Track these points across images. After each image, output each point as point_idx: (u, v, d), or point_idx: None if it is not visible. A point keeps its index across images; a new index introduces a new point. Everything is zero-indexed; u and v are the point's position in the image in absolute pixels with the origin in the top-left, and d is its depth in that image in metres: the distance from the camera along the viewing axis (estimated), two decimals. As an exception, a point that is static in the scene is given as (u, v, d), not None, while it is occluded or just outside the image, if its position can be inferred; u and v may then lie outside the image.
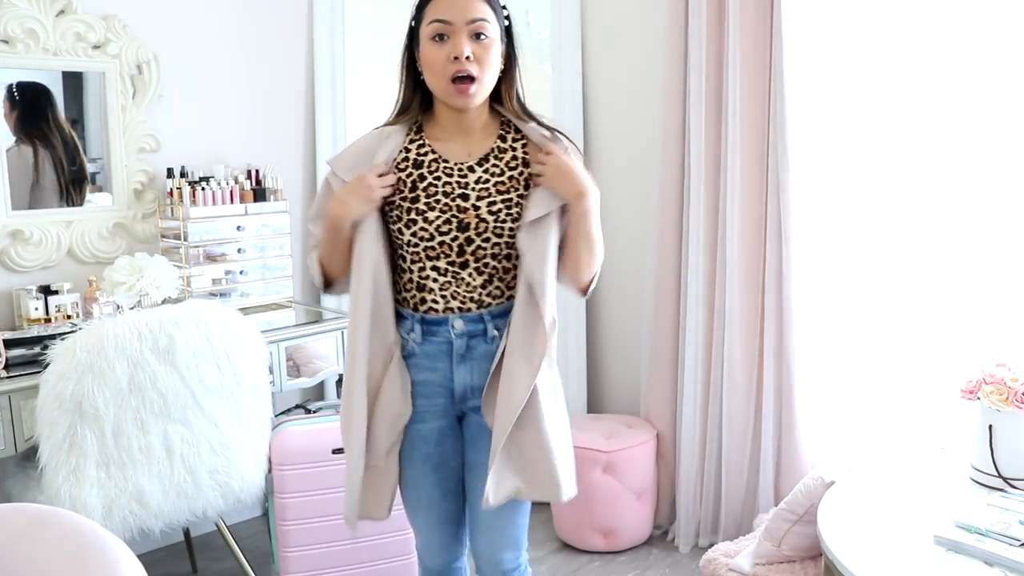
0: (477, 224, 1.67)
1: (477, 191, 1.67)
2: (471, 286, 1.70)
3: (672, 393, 3.04)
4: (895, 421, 2.62)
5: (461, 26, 1.61)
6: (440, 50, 1.61)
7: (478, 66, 1.62)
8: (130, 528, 2.25)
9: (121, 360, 2.18)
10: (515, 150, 1.72)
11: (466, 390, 1.74)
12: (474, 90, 1.63)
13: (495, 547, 1.81)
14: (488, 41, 1.63)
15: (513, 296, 1.72)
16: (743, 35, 2.69)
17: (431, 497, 1.81)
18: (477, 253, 1.68)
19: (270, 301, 3.03)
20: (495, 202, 1.67)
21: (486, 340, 1.72)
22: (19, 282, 2.73)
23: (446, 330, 1.71)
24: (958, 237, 2.49)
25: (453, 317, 1.70)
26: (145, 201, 2.97)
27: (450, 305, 1.70)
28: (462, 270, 1.69)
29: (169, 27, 2.99)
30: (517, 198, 1.69)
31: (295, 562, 2.53)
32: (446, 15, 1.61)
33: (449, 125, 1.71)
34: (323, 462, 2.51)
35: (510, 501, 1.73)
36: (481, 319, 1.71)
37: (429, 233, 1.67)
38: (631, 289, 3.27)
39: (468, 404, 1.76)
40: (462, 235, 1.67)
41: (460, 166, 1.69)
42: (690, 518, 2.99)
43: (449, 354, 1.72)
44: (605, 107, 3.27)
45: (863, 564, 1.72)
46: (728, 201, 2.77)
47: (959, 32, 2.41)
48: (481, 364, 1.72)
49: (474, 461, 1.78)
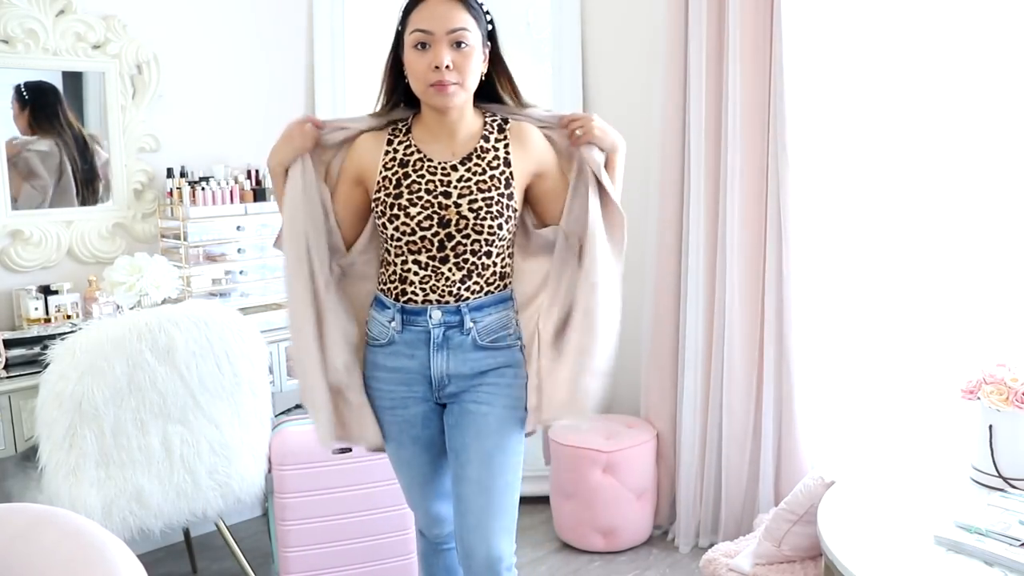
0: (457, 221, 1.74)
1: (459, 189, 1.75)
2: (450, 280, 1.78)
3: (672, 393, 3.04)
4: (895, 421, 2.62)
5: (442, 36, 1.68)
6: (422, 59, 1.70)
7: (458, 74, 1.70)
8: (130, 528, 2.25)
9: (121, 360, 2.18)
10: (497, 150, 1.79)
11: (443, 377, 1.82)
12: (452, 91, 1.71)
13: (490, 535, 1.79)
14: (468, 49, 1.71)
15: (491, 292, 1.81)
16: (743, 35, 2.69)
17: (426, 475, 1.92)
18: (457, 249, 1.76)
19: (270, 301, 3.02)
20: (476, 200, 1.75)
21: (462, 332, 1.80)
22: (19, 282, 2.73)
23: (424, 320, 1.79)
24: (958, 236, 2.49)
25: (432, 308, 1.78)
26: (145, 201, 2.97)
27: (429, 297, 1.79)
28: (442, 265, 1.77)
29: (169, 27, 2.99)
30: (498, 196, 1.76)
31: (295, 562, 2.52)
32: (427, 25, 1.69)
33: (434, 126, 1.79)
34: (323, 462, 2.51)
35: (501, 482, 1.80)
36: (458, 311, 1.79)
37: (411, 228, 1.75)
38: (631, 289, 3.25)
39: (446, 391, 1.83)
40: (443, 231, 1.75)
41: (443, 165, 1.77)
42: (690, 518, 2.99)
43: (427, 342, 1.80)
44: (605, 107, 3.26)
45: (863, 564, 1.72)
46: (728, 201, 2.77)
47: (960, 33, 2.41)
48: (456, 353, 1.80)
49: (460, 444, 1.82)
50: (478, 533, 1.79)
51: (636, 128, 3.17)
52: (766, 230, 2.75)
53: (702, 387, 2.92)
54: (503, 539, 1.81)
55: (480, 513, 1.79)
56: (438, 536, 2.02)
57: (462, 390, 1.83)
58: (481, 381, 1.82)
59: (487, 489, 1.79)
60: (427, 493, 1.94)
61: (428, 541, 2.05)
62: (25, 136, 2.73)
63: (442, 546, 2.04)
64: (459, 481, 1.82)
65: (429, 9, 1.69)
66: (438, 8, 1.69)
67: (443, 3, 1.69)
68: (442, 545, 2.04)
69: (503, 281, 1.83)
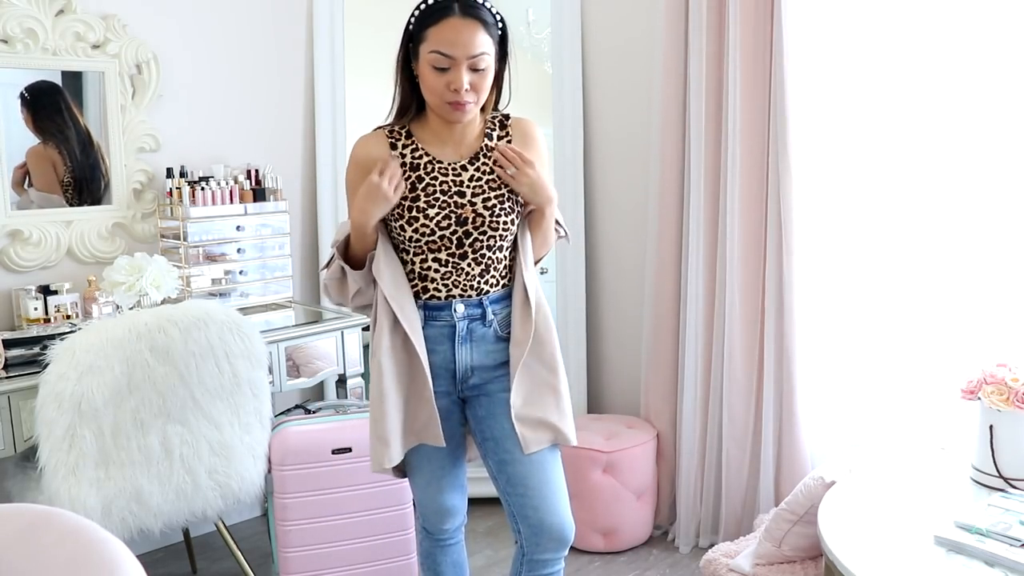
0: (474, 219, 1.80)
1: (472, 188, 1.81)
2: (470, 275, 1.83)
3: (672, 393, 3.04)
4: (895, 421, 2.62)
5: (462, 60, 1.70)
6: (440, 79, 1.72)
7: (475, 93, 1.74)
8: (129, 528, 2.25)
9: (120, 360, 2.18)
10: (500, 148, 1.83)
11: (467, 369, 1.87)
12: (469, 108, 1.76)
13: (558, 505, 1.86)
14: (486, 69, 1.74)
15: (507, 285, 1.88)
16: (743, 34, 2.69)
17: (445, 468, 1.95)
18: (475, 245, 1.82)
19: (270, 301, 3.02)
20: (489, 197, 1.81)
21: (484, 323, 1.86)
22: (18, 282, 2.72)
23: (448, 314, 1.84)
24: (958, 236, 2.48)
25: (455, 302, 1.83)
26: (145, 201, 2.97)
27: (452, 292, 1.84)
28: (461, 261, 1.82)
29: (169, 27, 2.99)
30: (508, 192, 1.83)
31: (295, 562, 2.52)
32: (449, 50, 1.70)
33: (440, 130, 1.84)
34: (323, 462, 2.51)
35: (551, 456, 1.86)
36: (480, 304, 1.85)
37: (430, 229, 1.79)
38: (631, 289, 3.26)
39: (469, 383, 1.89)
40: (461, 229, 1.80)
41: (454, 165, 1.83)
42: (690, 518, 2.98)
43: (451, 336, 1.85)
44: (605, 107, 3.27)
45: (863, 565, 1.72)
46: (728, 201, 2.77)
47: (960, 33, 2.40)
48: (480, 345, 1.86)
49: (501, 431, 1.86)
50: (545, 506, 1.85)
51: (636, 128, 3.17)
52: (766, 230, 2.75)
53: (702, 387, 2.92)
54: (568, 508, 1.89)
55: (542, 487, 1.85)
56: (445, 532, 2.04)
57: (485, 381, 1.88)
58: (504, 372, 1.87)
59: (540, 464, 1.85)
60: (444, 486, 1.96)
61: (433, 540, 2.06)
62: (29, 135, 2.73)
63: (447, 542, 2.06)
64: (507, 464, 1.86)
65: (451, 32, 1.69)
66: (461, 34, 1.69)
67: (465, 26, 1.69)
68: (447, 541, 2.06)
69: (511, 273, 1.89)
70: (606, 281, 3.35)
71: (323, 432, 2.54)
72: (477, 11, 1.71)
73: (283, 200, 3.07)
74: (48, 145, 2.78)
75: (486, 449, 1.91)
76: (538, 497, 1.84)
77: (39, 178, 2.77)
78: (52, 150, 2.78)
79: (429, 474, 1.95)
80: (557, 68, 3.27)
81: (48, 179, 2.79)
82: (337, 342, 2.87)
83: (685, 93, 2.89)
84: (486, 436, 1.89)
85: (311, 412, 2.67)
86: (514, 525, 1.90)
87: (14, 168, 2.72)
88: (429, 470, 1.94)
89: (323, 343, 2.84)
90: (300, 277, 3.34)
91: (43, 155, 2.77)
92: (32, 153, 2.76)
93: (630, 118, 3.19)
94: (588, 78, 3.28)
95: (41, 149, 2.77)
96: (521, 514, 1.87)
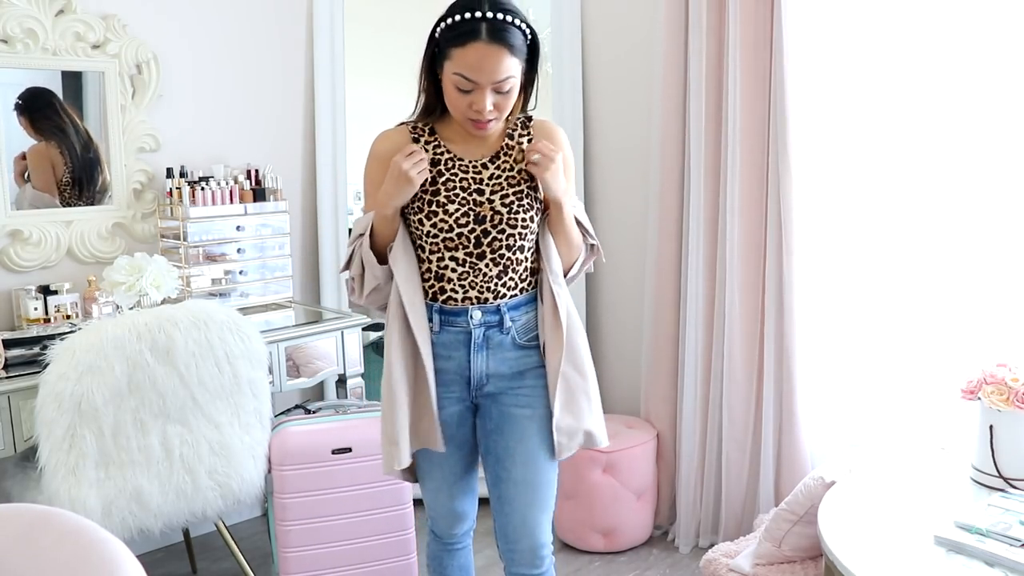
0: (492, 216, 1.78)
1: (491, 186, 1.80)
2: (487, 276, 1.80)
3: (672, 393, 3.04)
4: (895, 421, 2.62)
5: (486, 85, 1.69)
6: (463, 99, 1.71)
7: (498, 112, 1.73)
8: (129, 528, 2.25)
9: (120, 360, 2.18)
10: (522, 146, 1.84)
11: (482, 377, 1.84)
12: (491, 126, 1.75)
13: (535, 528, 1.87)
14: (511, 90, 1.73)
15: (525, 290, 1.84)
16: (743, 34, 2.69)
17: (456, 474, 1.94)
18: (493, 244, 1.79)
19: (270, 301, 3.02)
20: (508, 195, 1.80)
21: (502, 331, 1.82)
22: (18, 282, 2.72)
23: (464, 320, 1.81)
24: (958, 236, 2.48)
25: (472, 308, 1.80)
26: (144, 201, 2.97)
27: (468, 295, 1.80)
28: (479, 261, 1.79)
29: (169, 27, 2.99)
30: (527, 189, 1.82)
31: (295, 562, 2.52)
32: (473, 76, 1.68)
33: (463, 132, 1.82)
34: (323, 462, 2.51)
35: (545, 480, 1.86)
36: (498, 310, 1.82)
37: (448, 224, 1.78)
38: (631, 289, 3.26)
39: (483, 391, 1.86)
40: (479, 227, 1.78)
41: (475, 163, 1.81)
42: (690, 518, 2.98)
43: (467, 344, 1.82)
44: (605, 107, 3.26)
45: (863, 565, 1.72)
46: (728, 201, 2.77)
47: (960, 34, 2.40)
48: (496, 353, 1.83)
49: (504, 449, 1.85)
50: (524, 528, 1.86)
51: (636, 128, 3.17)
52: (766, 230, 2.75)
53: (702, 387, 2.92)
54: (546, 528, 1.90)
55: (526, 510, 1.86)
56: (454, 536, 2.04)
57: (500, 391, 1.85)
58: (520, 383, 1.85)
59: (532, 487, 1.85)
60: (455, 492, 1.96)
61: (442, 544, 2.06)
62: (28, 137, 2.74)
63: (456, 546, 2.06)
64: (502, 482, 1.86)
65: (476, 58, 1.65)
66: (486, 60, 1.65)
67: (491, 52, 1.65)
68: (456, 545, 2.06)
69: (533, 277, 1.86)
70: (606, 281, 3.35)
71: (323, 432, 2.54)
72: (505, 35, 1.66)
73: (283, 200, 3.07)
74: (50, 144, 2.78)
75: (487, 462, 1.91)
76: (519, 519, 1.86)
77: (37, 177, 2.77)
78: (53, 149, 2.79)
79: (440, 479, 1.94)
80: (557, 68, 3.26)
81: (46, 178, 2.79)
82: (337, 342, 2.87)
83: (685, 93, 2.89)
84: (489, 450, 1.89)
85: (311, 412, 2.67)
86: (496, 537, 1.94)
87: (15, 158, 2.71)
88: (440, 475, 1.93)
89: (323, 343, 2.84)
90: (300, 277, 3.34)
91: (44, 153, 2.78)
92: (33, 151, 2.76)
93: (630, 118, 3.19)
94: (588, 78, 3.28)
95: (43, 147, 2.77)
96: (502, 532, 1.90)
